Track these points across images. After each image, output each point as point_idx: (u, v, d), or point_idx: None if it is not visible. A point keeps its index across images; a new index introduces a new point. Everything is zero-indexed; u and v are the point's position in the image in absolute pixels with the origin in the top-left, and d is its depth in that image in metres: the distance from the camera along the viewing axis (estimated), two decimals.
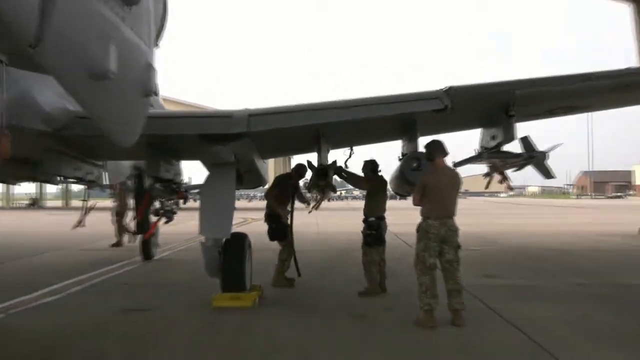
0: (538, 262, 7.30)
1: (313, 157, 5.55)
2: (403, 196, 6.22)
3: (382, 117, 4.57)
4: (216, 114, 4.88)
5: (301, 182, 6.20)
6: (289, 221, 5.63)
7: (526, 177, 13.34)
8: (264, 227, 6.11)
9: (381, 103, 4.50)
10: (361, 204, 5.38)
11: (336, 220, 17.90)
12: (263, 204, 6.39)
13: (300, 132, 5.07)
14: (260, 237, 8.79)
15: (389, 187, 5.69)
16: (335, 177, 5.43)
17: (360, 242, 5.17)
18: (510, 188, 6.99)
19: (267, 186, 6.39)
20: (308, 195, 6.69)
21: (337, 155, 5.88)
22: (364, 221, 5.14)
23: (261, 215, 6.29)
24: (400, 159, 5.88)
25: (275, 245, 5.90)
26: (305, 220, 12.07)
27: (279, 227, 5.58)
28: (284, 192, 5.71)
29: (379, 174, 5.32)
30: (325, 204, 6.45)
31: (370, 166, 5.37)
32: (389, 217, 5.43)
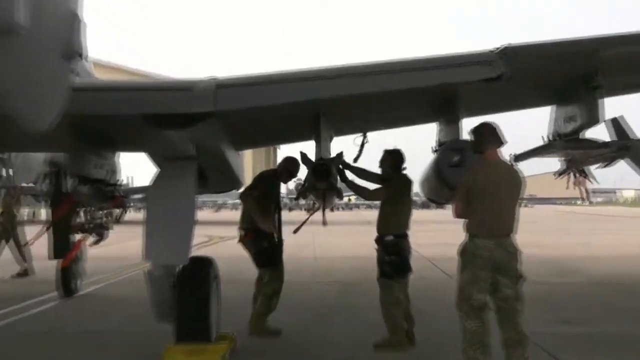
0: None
1: (310, 148, 5.60)
2: (440, 204, 6.30)
3: (409, 90, 4.59)
4: (169, 85, 4.91)
5: (292, 184, 6.25)
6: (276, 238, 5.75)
7: (620, 176, 13.26)
8: (237, 249, 6.14)
9: (408, 70, 4.48)
10: (376, 215, 5.31)
11: (341, 239, 18.00)
12: (236, 215, 6.41)
13: (292, 112, 5.12)
14: (232, 262, 8.81)
15: (417, 190, 5.73)
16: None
17: (374, 271, 5.21)
18: (588, 193, 6.99)
19: (241, 190, 6.45)
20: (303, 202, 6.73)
21: (343, 145, 5.94)
22: (378, 241, 5.17)
23: (233, 230, 6.29)
24: (434, 151, 5.97)
25: (252, 274, 5.93)
26: (297, 239, 12.15)
27: (269, 248, 5.65)
28: (268, 198, 5.79)
29: (402, 171, 5.36)
30: (327, 215, 6.50)
31: (393, 159, 5.35)
32: (420, 234, 5.46)
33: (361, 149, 5.94)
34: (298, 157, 5.54)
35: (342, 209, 59.36)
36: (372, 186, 5.51)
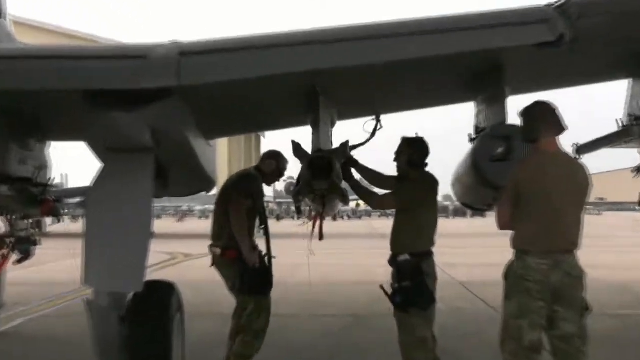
0: None
1: (305, 136, 5.61)
2: (478, 210, 6.32)
3: (437, 58, 4.53)
4: (116, 51, 4.90)
5: (280, 184, 6.30)
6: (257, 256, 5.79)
7: None
8: (208, 271, 6.16)
9: (435, 31, 4.40)
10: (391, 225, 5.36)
11: (346, 259, 18.04)
12: (204, 225, 6.44)
13: (280, 88, 5.14)
14: (201, 289, 8.80)
15: (449, 193, 5.74)
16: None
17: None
18: None
19: (214, 192, 6.49)
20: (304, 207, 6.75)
21: (349, 131, 5.95)
22: (392, 262, 5.23)
23: (202, 246, 6.30)
24: (471, 140, 5.98)
25: (229, 304, 5.99)
26: (287, 258, 12.09)
27: (262, 271, 5.77)
28: (254, 209, 5.92)
29: (425, 169, 5.38)
30: (327, 225, 6.50)
31: (413, 152, 5.34)
32: (451, 252, 5.51)
33: (372, 137, 5.95)
34: (291, 147, 5.53)
35: (348, 218, 59.58)
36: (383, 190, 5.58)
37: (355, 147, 5.86)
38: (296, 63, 4.51)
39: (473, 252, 18.88)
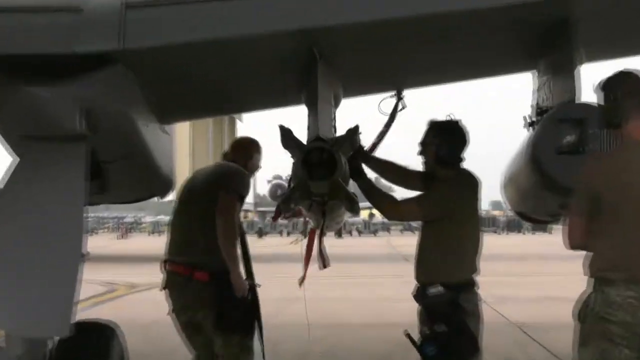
0: None
1: (298, 119, 5.66)
2: (540, 222, 6.40)
3: (479, 11, 4.64)
4: (38, 4, 4.88)
5: (264, 186, 6.31)
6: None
7: None
8: (162, 305, 6.17)
9: None
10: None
11: (355, 291, 18.09)
12: (158, 244, 6.48)
13: (264, 53, 5.20)
14: (151, 331, 8.67)
15: (498, 198, 5.74)
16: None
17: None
18: None
19: (172, 197, 6.56)
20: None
21: (359, 114, 5.93)
22: (419, 296, 5.30)
23: (154, 273, 6.28)
24: (529, 124, 5.99)
25: (188, 353, 6.05)
26: (277, 290, 12.04)
27: (248, 303, 5.89)
28: (234, 219, 6.05)
29: (461, 165, 5.46)
30: (330, 242, 6.48)
31: (445, 141, 5.36)
32: (502, 281, 5.52)
33: (391, 121, 6.00)
34: (272, 136, 5.52)
35: (359, 233, 59.42)
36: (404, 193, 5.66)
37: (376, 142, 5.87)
38: (285, 19, 4.59)
39: (533, 281, 18.73)
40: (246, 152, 6.33)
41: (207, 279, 5.81)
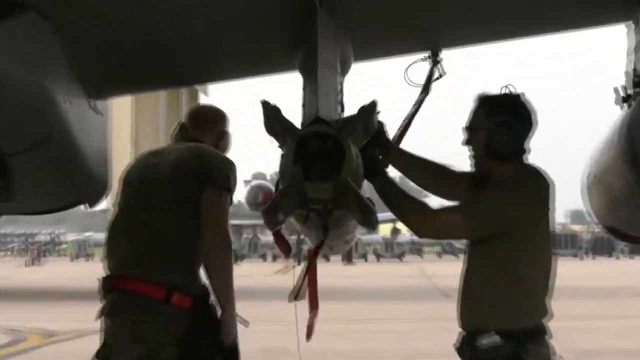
0: None
1: (289, 93, 5.62)
2: None
3: None
4: None
5: (242, 190, 6.29)
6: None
7: None
8: None
9: None
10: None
11: (372, 339, 18.69)
12: (85, 272, 6.57)
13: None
14: None
15: (580, 207, 5.76)
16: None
17: None
18: None
19: (108, 203, 6.73)
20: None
21: (376, 84, 5.91)
22: (464, 348, 5.41)
23: (79, 313, 6.26)
24: (624, 100, 6.12)
25: None
26: (259, 336, 12.27)
27: (230, 344, 5.90)
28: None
29: (524, 158, 5.49)
30: (333, 270, 6.46)
31: (500, 123, 5.33)
32: (586, 324, 5.55)
33: (425, 93, 6.05)
34: (260, 109, 5.54)
35: (378, 258, 60.73)
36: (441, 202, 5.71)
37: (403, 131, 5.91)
38: None
39: (632, 325, 19.06)
40: (215, 126, 6.15)
41: (189, 305, 5.73)
